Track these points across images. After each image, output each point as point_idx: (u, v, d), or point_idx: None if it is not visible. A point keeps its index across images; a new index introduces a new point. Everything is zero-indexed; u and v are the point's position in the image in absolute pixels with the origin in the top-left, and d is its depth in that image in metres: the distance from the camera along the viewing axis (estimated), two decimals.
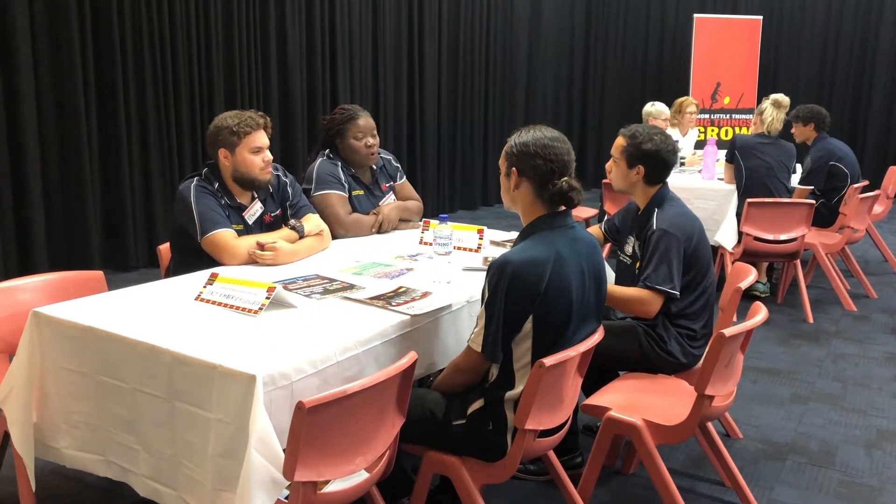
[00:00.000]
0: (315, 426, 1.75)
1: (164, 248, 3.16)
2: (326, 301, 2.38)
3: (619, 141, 2.90)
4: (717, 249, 4.93)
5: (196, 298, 2.36)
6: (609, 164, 2.96)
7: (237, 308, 2.26)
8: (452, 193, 8.54)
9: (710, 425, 2.71)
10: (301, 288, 2.51)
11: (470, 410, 2.15)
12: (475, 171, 8.75)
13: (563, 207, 2.15)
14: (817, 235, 5.09)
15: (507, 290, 2.02)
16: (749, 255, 4.84)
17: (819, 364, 4.04)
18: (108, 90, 5.39)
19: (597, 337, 2.21)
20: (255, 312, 2.22)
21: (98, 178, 5.45)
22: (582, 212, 6.06)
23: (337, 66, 6.96)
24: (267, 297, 2.25)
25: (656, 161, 2.82)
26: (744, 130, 9.41)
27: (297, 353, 1.95)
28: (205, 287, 2.39)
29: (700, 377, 2.32)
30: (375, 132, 3.43)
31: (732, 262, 4.81)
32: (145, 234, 5.74)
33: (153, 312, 2.25)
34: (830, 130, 5.49)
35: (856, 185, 5.17)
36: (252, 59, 6.26)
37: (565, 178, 2.11)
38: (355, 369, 2.07)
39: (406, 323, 2.23)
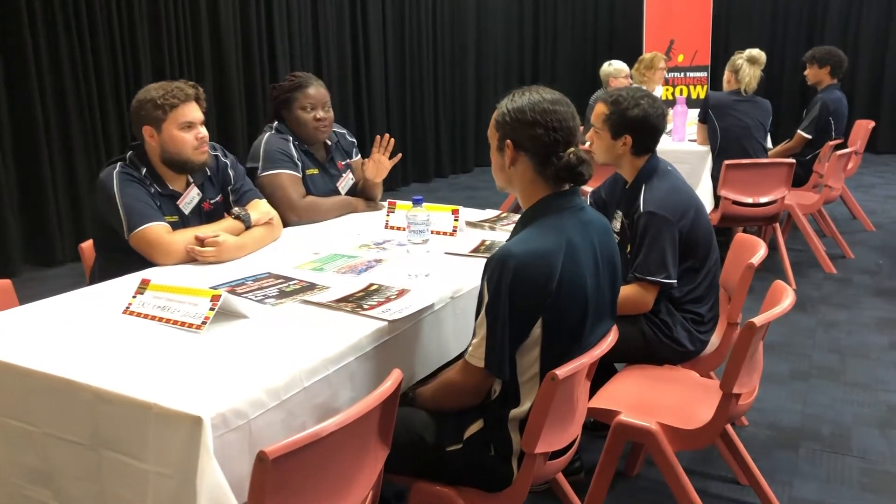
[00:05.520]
0: (282, 478, 1.37)
1: (87, 247, 2.72)
2: (284, 307, 1.98)
3: (600, 108, 2.55)
4: None
5: (124, 311, 1.94)
6: (590, 135, 2.60)
7: (175, 323, 1.85)
8: (405, 166, 8.10)
9: None
10: (252, 291, 2.11)
11: (467, 434, 1.79)
12: (427, 141, 8.33)
13: (570, 185, 1.79)
14: (793, 196, 4.85)
15: (510, 289, 1.65)
16: (727, 220, 4.58)
17: (811, 334, 3.81)
18: (17, 64, 4.81)
19: (612, 338, 1.87)
20: (199, 328, 1.82)
21: (12, 165, 4.90)
22: None
23: (274, 34, 6.44)
24: (211, 308, 1.84)
25: (645, 129, 2.49)
26: (699, 88, 9.20)
27: (252, 380, 1.56)
28: (134, 297, 1.97)
29: (726, 374, 2.00)
30: (329, 105, 3.02)
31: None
32: (71, 226, 5.20)
33: (70, 334, 1.82)
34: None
35: (831, 143, 4.95)
36: (181, 28, 5.71)
37: (572, 150, 1.74)
38: (326, 394, 1.69)
39: (383, 331, 1.85)
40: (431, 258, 2.26)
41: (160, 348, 1.73)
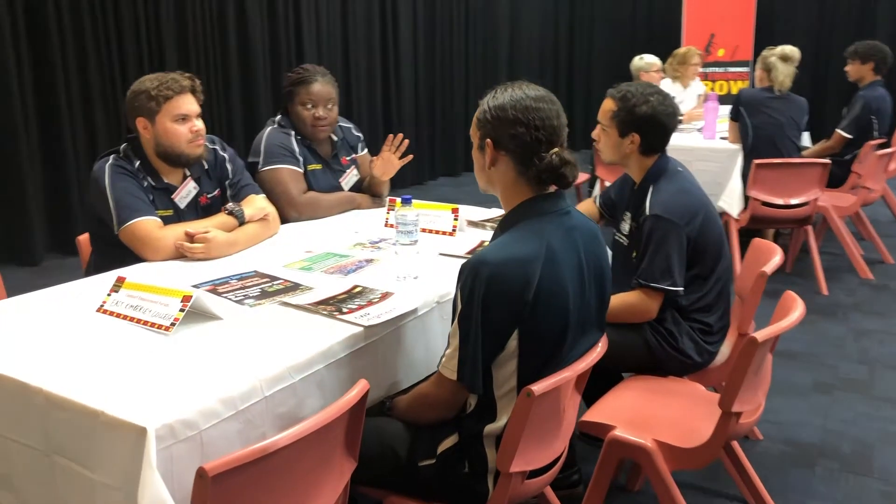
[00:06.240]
0: (225, 495, 1.30)
1: (84, 240, 2.69)
2: (262, 308, 1.91)
3: (608, 104, 2.41)
4: (721, 216, 4.47)
5: (98, 310, 1.89)
6: (597, 132, 2.47)
7: (145, 323, 1.79)
8: (433, 160, 8.01)
9: None
10: (234, 290, 2.04)
11: (441, 449, 1.70)
12: (457, 135, 8.21)
13: (554, 187, 1.68)
14: (829, 197, 4.63)
15: (483, 300, 1.55)
16: (757, 222, 4.40)
17: (840, 343, 3.62)
18: (43, 57, 4.83)
19: (599, 350, 1.75)
20: (167, 329, 1.76)
21: (37, 155, 4.93)
22: None
23: (302, 27, 6.38)
24: (181, 310, 1.78)
25: (653, 127, 2.36)
26: (739, 84, 8.92)
27: (207, 388, 1.49)
28: (109, 295, 1.92)
29: (726, 391, 1.87)
30: (333, 104, 2.92)
31: (738, 230, 4.41)
32: None
33: (38, 333, 1.77)
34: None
35: (872, 142, 4.71)
36: (207, 17, 5.69)
37: (555, 150, 1.63)
38: (291, 402, 1.61)
39: (358, 337, 1.77)
40: (422, 260, 2.17)
41: (123, 351, 1.67)
